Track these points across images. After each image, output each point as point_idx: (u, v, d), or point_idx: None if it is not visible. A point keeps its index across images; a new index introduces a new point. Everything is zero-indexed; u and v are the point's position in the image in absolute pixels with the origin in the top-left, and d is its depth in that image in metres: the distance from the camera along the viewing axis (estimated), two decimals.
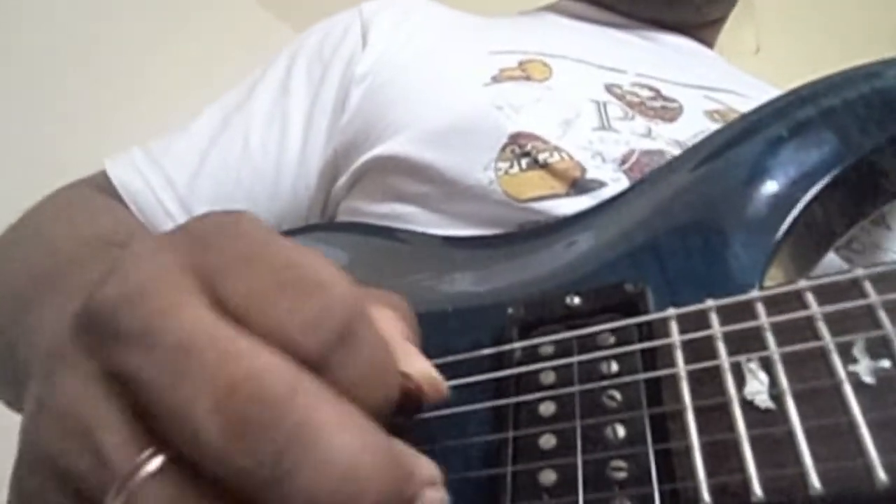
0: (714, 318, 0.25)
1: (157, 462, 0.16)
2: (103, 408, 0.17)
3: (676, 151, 0.39)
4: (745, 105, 0.47)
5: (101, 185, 0.51)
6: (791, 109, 0.32)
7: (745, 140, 0.31)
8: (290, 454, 0.15)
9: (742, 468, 0.21)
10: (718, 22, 0.61)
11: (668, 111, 0.45)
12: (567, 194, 0.37)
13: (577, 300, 0.28)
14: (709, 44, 0.60)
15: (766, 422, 0.22)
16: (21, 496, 0.18)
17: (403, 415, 0.20)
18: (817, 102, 0.31)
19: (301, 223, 0.51)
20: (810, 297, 0.24)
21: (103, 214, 0.47)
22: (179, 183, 0.49)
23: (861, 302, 0.23)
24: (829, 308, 0.23)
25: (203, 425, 0.16)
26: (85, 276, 0.32)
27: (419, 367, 0.21)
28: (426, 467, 0.18)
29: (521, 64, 0.47)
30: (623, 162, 0.39)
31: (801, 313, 0.23)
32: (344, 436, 0.16)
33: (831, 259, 0.33)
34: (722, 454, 0.21)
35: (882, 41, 1.88)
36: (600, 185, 0.37)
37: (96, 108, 1.31)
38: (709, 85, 0.49)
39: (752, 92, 0.50)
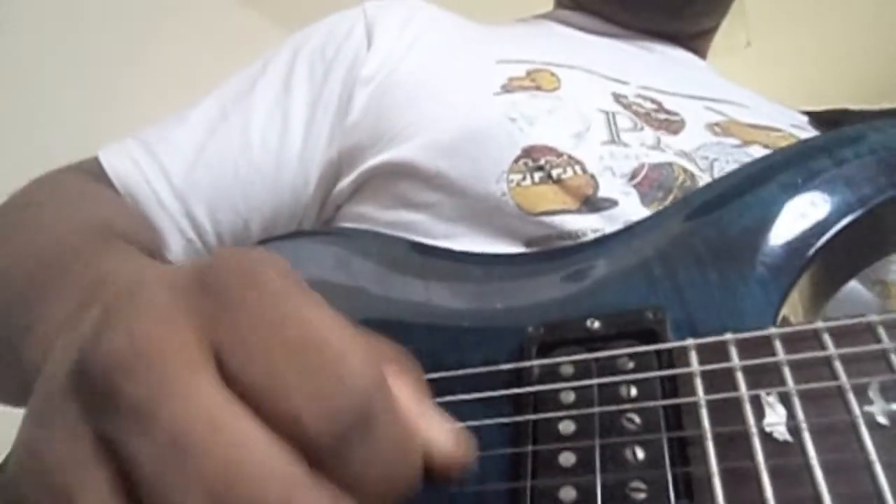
0: (733, 351, 0.26)
1: None
2: (90, 471, 0.16)
3: (685, 162, 0.41)
4: (745, 115, 0.48)
5: (94, 172, 0.49)
6: (806, 158, 0.33)
7: (762, 183, 0.33)
8: None
9: (761, 496, 0.22)
10: (711, 32, 0.63)
11: (671, 124, 0.46)
12: (578, 210, 0.38)
13: (596, 324, 0.29)
14: (702, 54, 0.62)
15: (784, 453, 0.22)
16: None
17: (432, 482, 0.20)
18: (831, 153, 0.33)
19: (296, 220, 0.51)
20: (827, 338, 0.25)
21: (102, 203, 0.46)
22: (175, 174, 0.49)
23: (875, 346, 0.24)
24: (845, 350, 0.24)
25: None
26: (89, 273, 0.32)
27: (441, 435, 0.20)
28: None
29: (529, 73, 0.47)
30: (633, 177, 0.40)
31: (819, 353, 0.24)
32: None
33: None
34: (741, 481, 0.22)
35: (870, 36, 1.93)
36: (612, 203, 0.38)
37: (85, 104, 1.29)
38: (708, 96, 0.51)
39: (746, 101, 0.52)
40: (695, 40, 0.61)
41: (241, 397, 0.16)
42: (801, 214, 0.31)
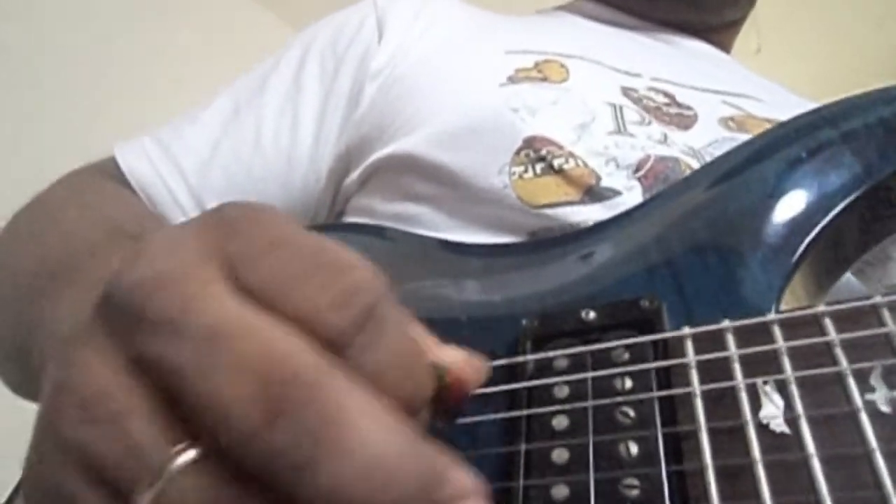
0: (730, 339, 0.25)
1: (190, 454, 0.16)
2: (133, 395, 0.17)
3: (691, 159, 0.39)
4: (762, 110, 0.47)
5: (110, 171, 0.50)
6: (811, 130, 0.32)
7: (764, 159, 0.32)
8: (320, 438, 0.15)
9: (756, 492, 0.21)
10: (735, 25, 0.61)
11: (683, 118, 0.44)
12: (581, 201, 0.37)
13: (592, 315, 0.28)
14: (725, 47, 0.60)
15: (780, 446, 0.22)
16: (39, 484, 0.18)
17: (446, 415, 0.20)
18: (838, 124, 0.31)
19: (310, 216, 0.51)
20: (828, 323, 0.24)
21: (117, 203, 0.47)
22: (190, 173, 0.49)
23: (879, 330, 0.23)
24: (847, 335, 0.23)
25: (235, 410, 0.15)
26: (102, 266, 0.32)
27: (453, 354, 0.20)
28: (461, 478, 0.17)
29: (537, 64, 0.47)
30: (637, 169, 0.39)
31: (819, 339, 0.23)
32: (370, 424, 0.15)
33: (846, 276, 0.33)
34: (736, 477, 0.22)
35: (880, 41, 1.88)
36: (615, 193, 0.37)
37: (97, 102, 1.31)
38: (725, 89, 0.49)
39: (768, 96, 0.50)
40: (718, 33, 0.59)
41: (262, 294, 0.17)
42: (805, 190, 0.30)
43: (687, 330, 0.26)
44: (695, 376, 0.24)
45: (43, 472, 0.18)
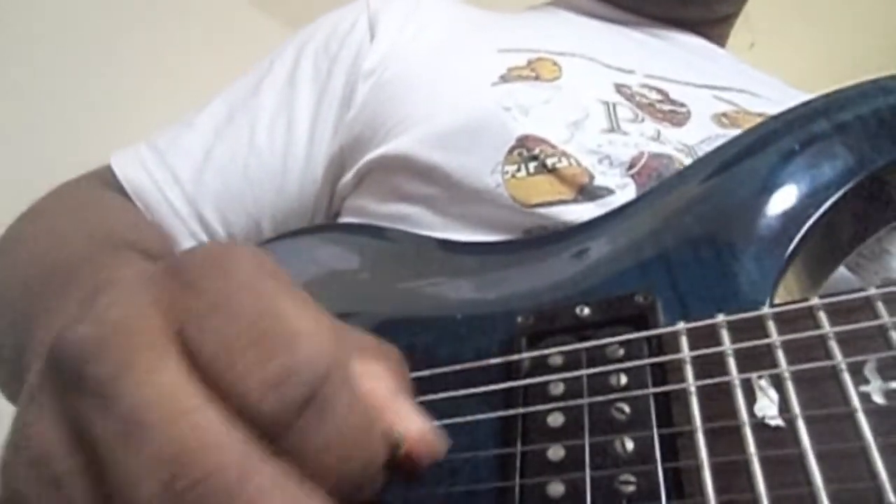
0: (725, 334, 0.25)
1: None
2: (69, 457, 0.17)
3: (685, 157, 0.39)
4: (756, 104, 0.47)
5: (106, 179, 0.50)
6: (804, 122, 0.32)
7: (756, 152, 0.31)
8: None
9: (752, 487, 0.21)
10: (729, 19, 0.61)
11: (676, 115, 0.44)
12: (575, 200, 0.37)
13: (586, 311, 0.28)
14: (719, 41, 0.60)
15: (776, 441, 0.22)
16: None
17: (403, 476, 0.20)
18: (831, 116, 0.31)
19: (307, 217, 0.51)
20: (822, 316, 0.24)
21: (113, 212, 0.47)
22: (185, 179, 0.49)
23: (873, 322, 0.23)
24: (841, 327, 0.23)
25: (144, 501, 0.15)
26: (98, 276, 0.32)
27: (413, 426, 0.20)
28: None
29: (529, 63, 0.46)
30: (631, 166, 0.39)
31: (813, 332, 0.23)
32: None
33: (840, 269, 0.33)
34: (731, 472, 0.21)
35: (875, 35, 1.88)
36: (608, 192, 0.37)
37: (94, 107, 1.31)
38: (718, 84, 0.49)
39: (764, 90, 0.50)
40: (713, 27, 0.58)
41: (200, 374, 0.17)
42: (798, 182, 0.30)
43: (681, 325, 0.26)
44: (689, 372, 0.24)
45: None
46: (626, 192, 0.37)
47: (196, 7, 1.60)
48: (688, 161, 0.38)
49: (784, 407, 0.22)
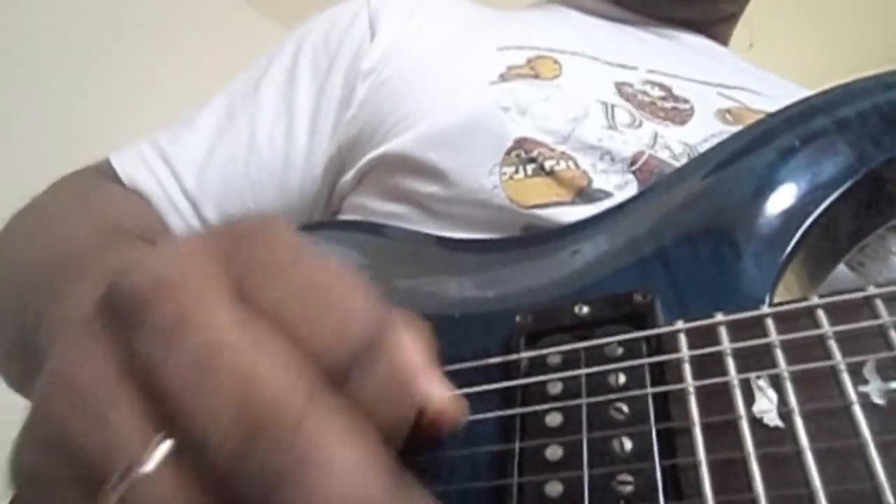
0: (724, 334, 0.25)
1: (164, 449, 0.16)
2: (120, 391, 0.17)
3: (684, 158, 0.39)
4: (760, 102, 0.46)
5: (108, 173, 0.50)
6: (804, 119, 0.32)
7: (756, 149, 0.31)
8: (289, 474, 0.16)
9: (750, 487, 0.21)
10: (732, 18, 0.60)
11: (679, 113, 0.44)
12: (572, 202, 0.37)
13: (585, 309, 0.28)
14: (723, 40, 0.60)
15: (774, 440, 0.22)
16: (20, 467, 0.18)
17: (420, 446, 0.20)
18: (831, 112, 0.31)
19: (306, 214, 0.51)
20: (821, 315, 0.24)
21: (119, 202, 0.47)
22: (186, 177, 0.49)
23: (873, 322, 0.23)
24: (841, 327, 0.23)
25: (215, 433, 0.16)
26: (111, 260, 0.32)
27: (439, 394, 0.21)
28: None
29: (529, 61, 0.46)
30: (633, 162, 0.38)
31: (812, 332, 0.23)
32: (344, 465, 0.16)
33: (842, 269, 0.33)
34: (729, 472, 0.21)
35: (874, 36, 1.88)
36: (606, 195, 0.37)
37: (92, 105, 1.31)
38: (722, 82, 0.49)
39: (767, 88, 0.50)
40: (716, 26, 0.58)
41: (259, 318, 0.17)
42: (798, 180, 0.29)
43: (680, 325, 0.26)
44: (688, 371, 0.24)
45: (26, 454, 0.18)
46: (626, 192, 0.37)
47: (195, 7, 1.59)
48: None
49: (783, 406, 0.22)
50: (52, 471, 0.17)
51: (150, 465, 0.16)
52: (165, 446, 0.16)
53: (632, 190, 0.37)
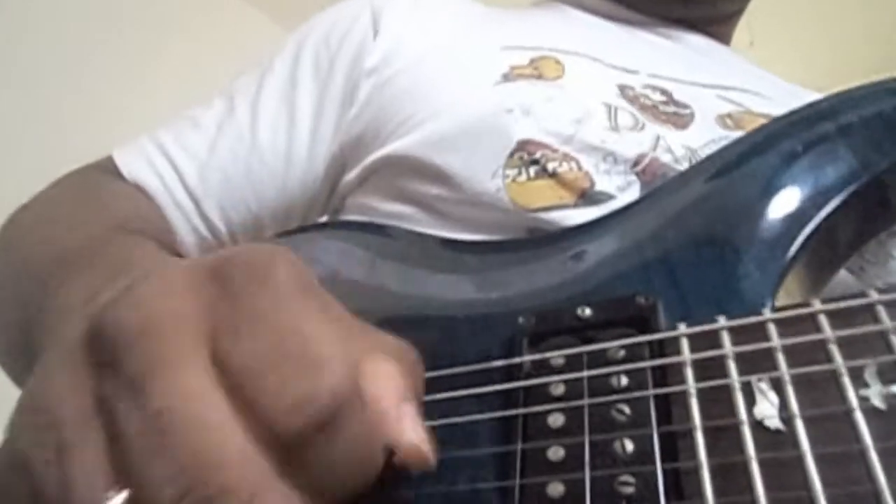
0: (726, 338, 0.25)
1: (118, 501, 0.17)
2: (87, 431, 0.17)
3: (685, 163, 0.39)
4: (761, 105, 0.46)
5: (110, 170, 0.51)
6: (807, 124, 0.32)
7: (759, 154, 0.31)
8: None
9: (751, 489, 0.21)
10: (734, 17, 0.60)
11: (679, 117, 0.44)
12: (575, 205, 0.37)
13: (588, 312, 0.28)
14: (724, 39, 0.59)
15: (775, 444, 0.22)
16: None
17: (388, 483, 0.20)
18: (834, 118, 0.31)
19: (307, 213, 0.51)
20: (823, 320, 0.24)
21: (122, 200, 0.48)
22: (189, 175, 0.49)
23: (874, 327, 0.23)
24: (842, 331, 0.23)
25: (164, 499, 0.16)
26: (118, 257, 0.33)
27: (408, 439, 0.20)
28: None
29: (532, 61, 0.46)
30: (636, 164, 0.39)
31: (814, 336, 0.23)
32: None
33: (843, 273, 0.33)
34: (731, 475, 0.22)
35: (875, 34, 1.87)
36: (608, 197, 0.37)
37: (94, 104, 1.32)
38: (724, 84, 0.49)
39: (769, 90, 0.50)
40: (717, 26, 0.58)
41: (226, 384, 0.18)
42: (801, 184, 0.30)
43: (683, 328, 0.26)
44: (690, 374, 0.24)
45: None
46: (629, 193, 0.37)
47: (194, 5, 1.60)
48: (687, 166, 0.38)
49: (784, 410, 0.22)
50: (14, 492, 0.18)
51: None
52: (120, 498, 0.17)
53: (634, 191, 0.37)
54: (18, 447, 0.18)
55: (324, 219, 0.52)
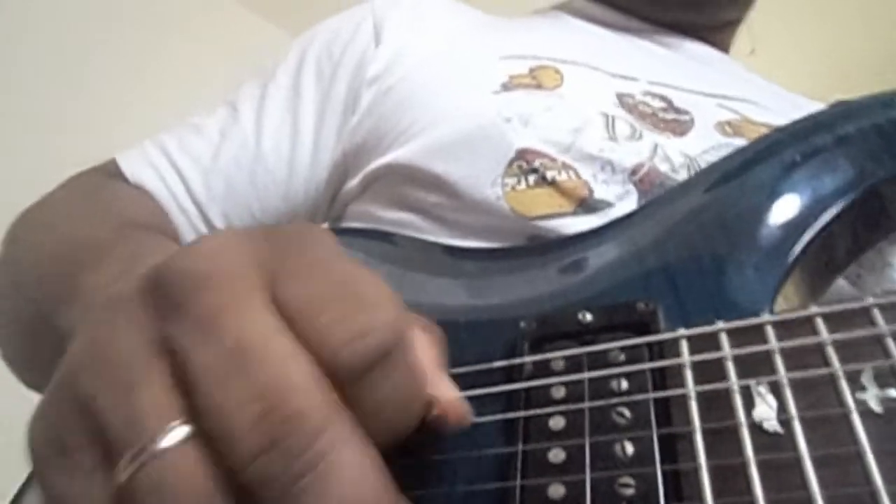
0: (724, 340, 0.25)
1: (182, 432, 0.17)
2: (150, 369, 0.18)
3: (684, 171, 0.40)
4: (760, 114, 0.47)
5: (114, 174, 0.51)
6: (806, 134, 0.32)
7: (759, 163, 0.32)
8: (304, 480, 0.17)
9: (749, 491, 0.21)
10: (733, 25, 0.61)
11: (679, 124, 0.45)
12: (574, 213, 0.38)
13: (589, 317, 0.29)
14: (724, 48, 0.60)
15: (773, 446, 0.22)
16: (42, 427, 0.19)
17: (423, 434, 0.21)
18: (833, 129, 0.32)
19: (309, 220, 0.51)
20: (820, 324, 0.24)
21: (129, 200, 0.48)
22: (193, 181, 0.50)
23: (870, 331, 0.23)
24: (839, 335, 0.23)
25: (238, 429, 0.17)
26: (131, 249, 0.33)
27: (448, 395, 0.22)
28: None
29: (531, 70, 0.47)
30: (633, 172, 0.39)
31: (811, 339, 0.24)
32: (354, 478, 0.17)
33: (840, 282, 0.34)
34: (729, 476, 0.22)
35: (878, 43, 1.89)
36: (607, 205, 0.38)
37: (94, 108, 1.32)
38: (723, 93, 0.49)
39: (768, 100, 0.50)
40: (717, 34, 0.59)
41: (288, 318, 0.19)
42: (799, 193, 0.30)
43: (682, 331, 0.26)
44: (689, 377, 0.25)
45: (49, 416, 0.19)
46: (627, 202, 0.37)
47: (193, 9, 1.61)
48: (685, 174, 0.39)
49: (782, 412, 0.22)
50: (72, 436, 0.18)
51: (168, 444, 0.17)
52: (186, 430, 0.17)
53: (632, 200, 0.37)
54: (79, 386, 0.18)
55: (325, 226, 0.53)
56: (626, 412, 0.25)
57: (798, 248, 0.29)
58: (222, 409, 0.17)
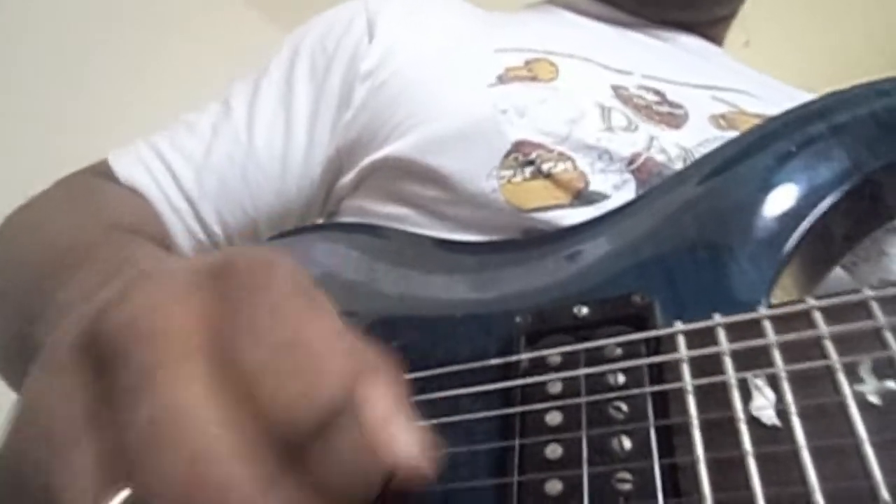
0: (722, 334, 0.25)
1: (119, 499, 0.16)
2: (87, 435, 0.17)
3: (679, 163, 0.39)
4: (754, 105, 0.47)
5: (105, 174, 0.51)
6: (801, 124, 0.32)
7: (753, 154, 0.32)
8: None
9: (747, 484, 0.21)
10: (727, 19, 0.61)
11: (673, 117, 0.44)
12: (571, 205, 0.37)
13: (584, 311, 0.28)
14: (717, 40, 0.60)
15: (771, 439, 0.22)
16: None
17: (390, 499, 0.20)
18: (827, 118, 0.32)
19: (303, 216, 0.51)
20: (818, 316, 0.24)
21: (118, 202, 0.48)
22: (184, 178, 0.49)
23: (868, 323, 0.23)
24: (837, 328, 0.23)
25: (161, 498, 0.16)
26: (116, 256, 0.33)
27: (407, 452, 0.19)
28: None
29: (527, 63, 0.46)
30: (631, 162, 0.39)
31: (809, 332, 0.24)
32: None
33: (836, 271, 0.33)
34: (727, 470, 0.22)
35: (873, 34, 1.89)
36: (603, 197, 0.37)
37: (92, 108, 1.32)
38: (717, 85, 0.49)
39: (762, 91, 0.50)
40: (710, 28, 0.59)
41: (225, 383, 0.17)
42: (795, 183, 0.30)
43: (679, 326, 0.26)
44: (686, 371, 0.24)
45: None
46: (624, 191, 0.37)
47: (194, 7, 1.60)
48: (681, 166, 0.39)
49: (780, 405, 0.22)
50: (14, 497, 0.18)
51: None
52: (121, 496, 0.16)
53: (630, 189, 0.37)
54: (17, 449, 0.18)
55: (319, 221, 0.52)
56: (623, 406, 0.25)
57: (794, 238, 0.28)
58: (149, 476, 0.16)
